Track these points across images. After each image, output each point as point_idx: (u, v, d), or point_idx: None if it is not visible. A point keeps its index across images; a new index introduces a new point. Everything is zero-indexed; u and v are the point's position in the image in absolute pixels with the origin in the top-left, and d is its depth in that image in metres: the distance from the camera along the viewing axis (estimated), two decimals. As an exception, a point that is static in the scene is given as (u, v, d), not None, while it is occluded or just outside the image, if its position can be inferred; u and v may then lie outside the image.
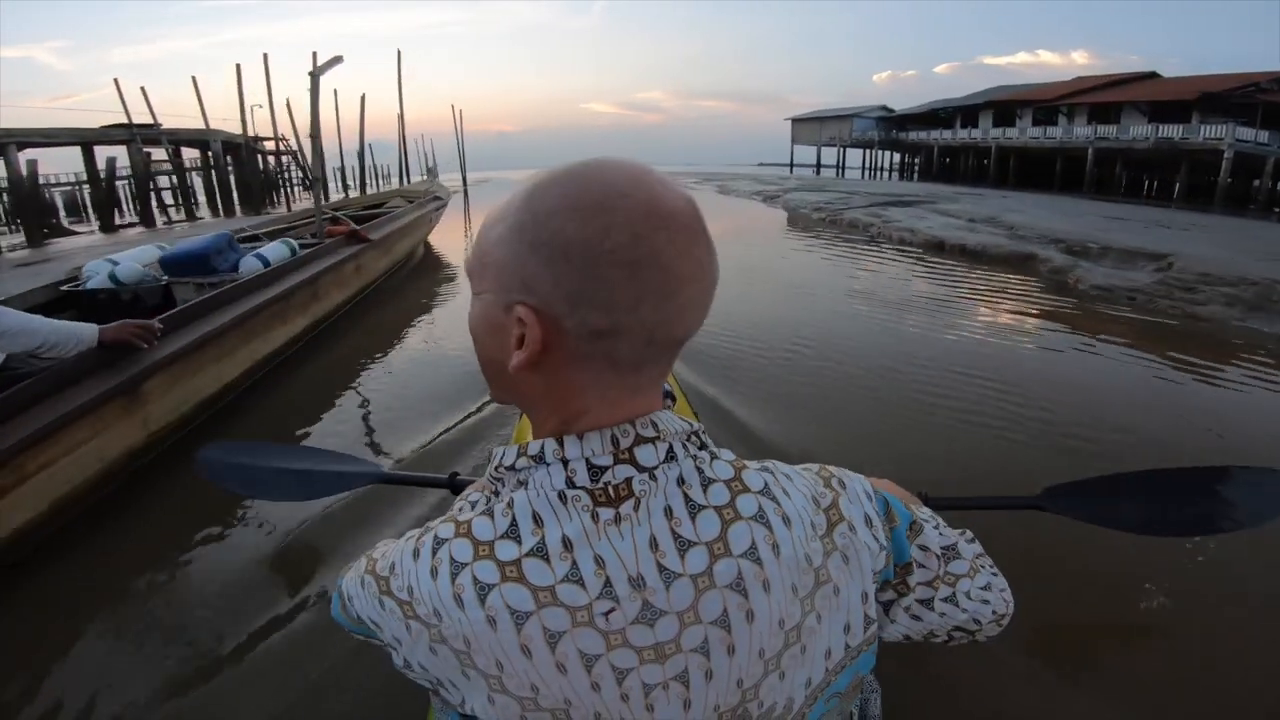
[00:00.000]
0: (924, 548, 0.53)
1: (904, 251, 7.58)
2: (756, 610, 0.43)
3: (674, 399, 0.75)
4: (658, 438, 0.45)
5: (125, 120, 17.04)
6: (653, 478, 0.44)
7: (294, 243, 4.32)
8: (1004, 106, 35.03)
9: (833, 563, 0.46)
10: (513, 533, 0.43)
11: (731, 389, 3.22)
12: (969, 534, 0.58)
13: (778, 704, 0.46)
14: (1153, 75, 31.81)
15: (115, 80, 16.67)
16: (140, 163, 16.48)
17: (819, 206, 11.98)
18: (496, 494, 0.48)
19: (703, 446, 0.47)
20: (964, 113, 37.95)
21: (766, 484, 0.47)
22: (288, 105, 23.01)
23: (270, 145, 24.04)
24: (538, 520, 0.43)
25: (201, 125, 19.39)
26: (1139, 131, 25.49)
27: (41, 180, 15.86)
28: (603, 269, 0.41)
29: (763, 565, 0.44)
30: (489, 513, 0.45)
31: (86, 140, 16.25)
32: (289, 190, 25.44)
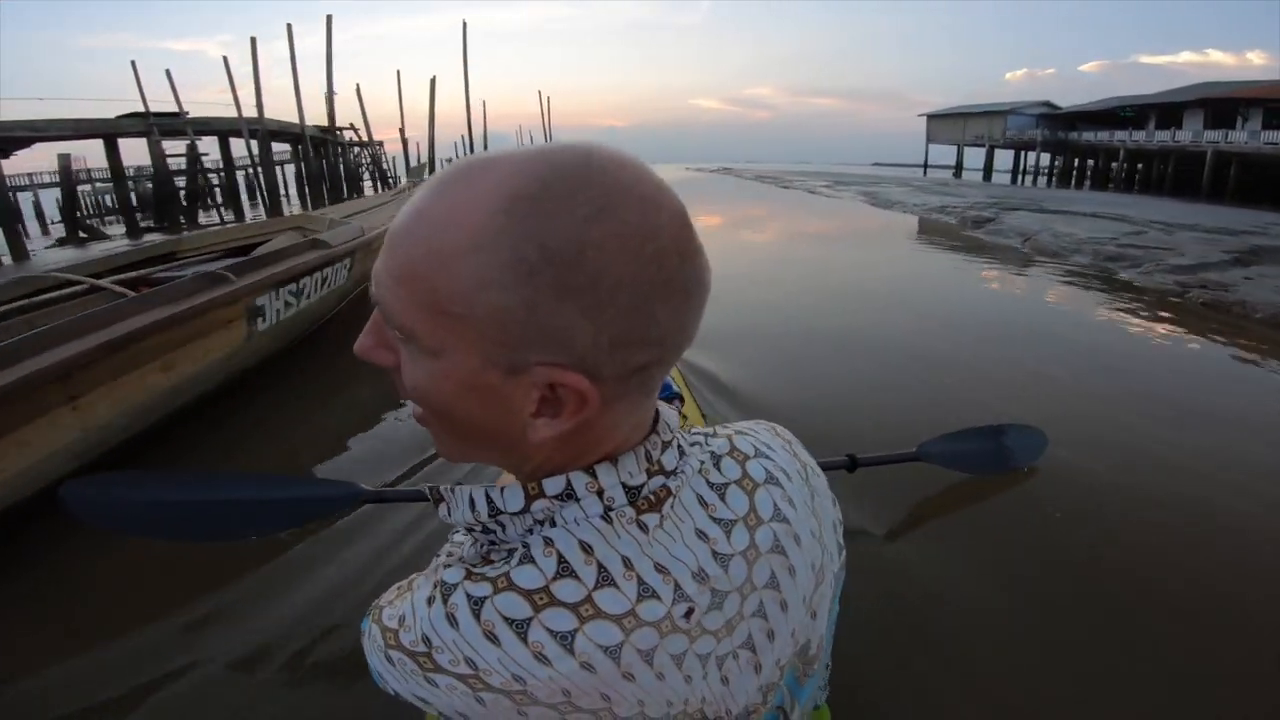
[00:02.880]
0: None
1: None
2: (795, 564, 0.44)
3: (682, 399, 0.74)
4: (673, 439, 0.43)
5: (143, 109, 13.80)
6: (677, 475, 0.42)
7: None
8: (1222, 105, 26.91)
9: (816, 501, 0.48)
10: (565, 570, 0.38)
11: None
12: None
13: (812, 643, 0.48)
14: None
15: (132, 63, 13.60)
16: (159, 156, 13.27)
17: (1178, 269, 6.26)
18: (489, 531, 0.41)
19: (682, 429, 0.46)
20: (1160, 111, 29.89)
21: (755, 447, 0.47)
22: (357, 91, 19.79)
23: (348, 136, 20.81)
24: (587, 549, 0.39)
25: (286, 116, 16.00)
26: None
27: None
28: (655, 304, 0.34)
29: (790, 523, 0.44)
30: (528, 560, 0.38)
31: (85, 133, 13.03)
32: (364, 183, 22.18)
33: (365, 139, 20.44)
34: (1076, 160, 33.97)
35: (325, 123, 17.32)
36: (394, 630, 0.39)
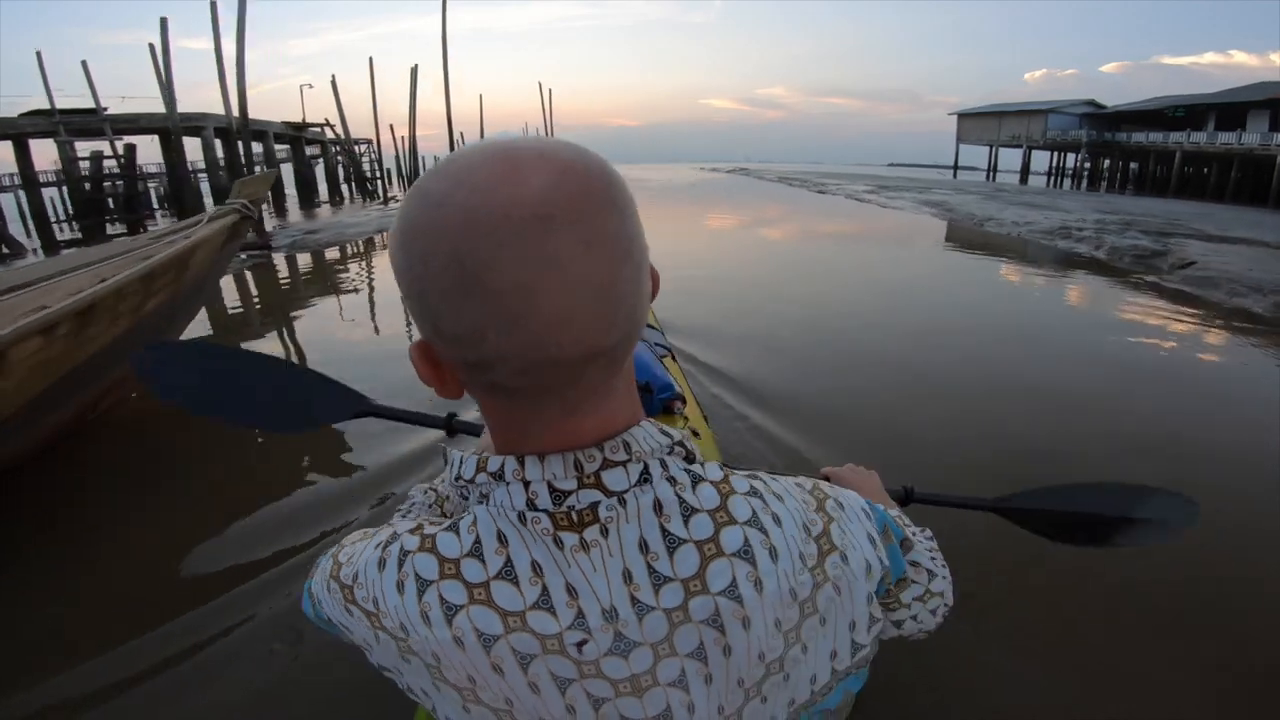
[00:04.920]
0: (915, 563, 0.50)
1: None
2: (734, 645, 0.39)
3: (684, 400, 0.73)
4: (629, 460, 0.39)
5: (54, 105, 11.14)
6: (622, 503, 0.38)
7: None
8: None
9: (822, 595, 0.41)
10: (477, 551, 0.39)
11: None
12: (929, 533, 0.56)
13: None
14: None
15: (38, 54, 10.97)
16: (70, 159, 10.72)
17: None
18: (464, 498, 0.43)
19: (689, 459, 0.41)
20: (1219, 112, 27.11)
21: (755, 512, 0.40)
22: (333, 84, 17.11)
23: (330, 135, 18.17)
24: (502, 540, 0.39)
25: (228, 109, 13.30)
26: None
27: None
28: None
29: (742, 603, 0.39)
30: (454, 529, 0.40)
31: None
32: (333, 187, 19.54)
33: (339, 136, 17.77)
34: (1122, 163, 31.24)
35: (258, 117, 14.69)
36: (341, 564, 0.43)
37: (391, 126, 21.46)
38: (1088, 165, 32.20)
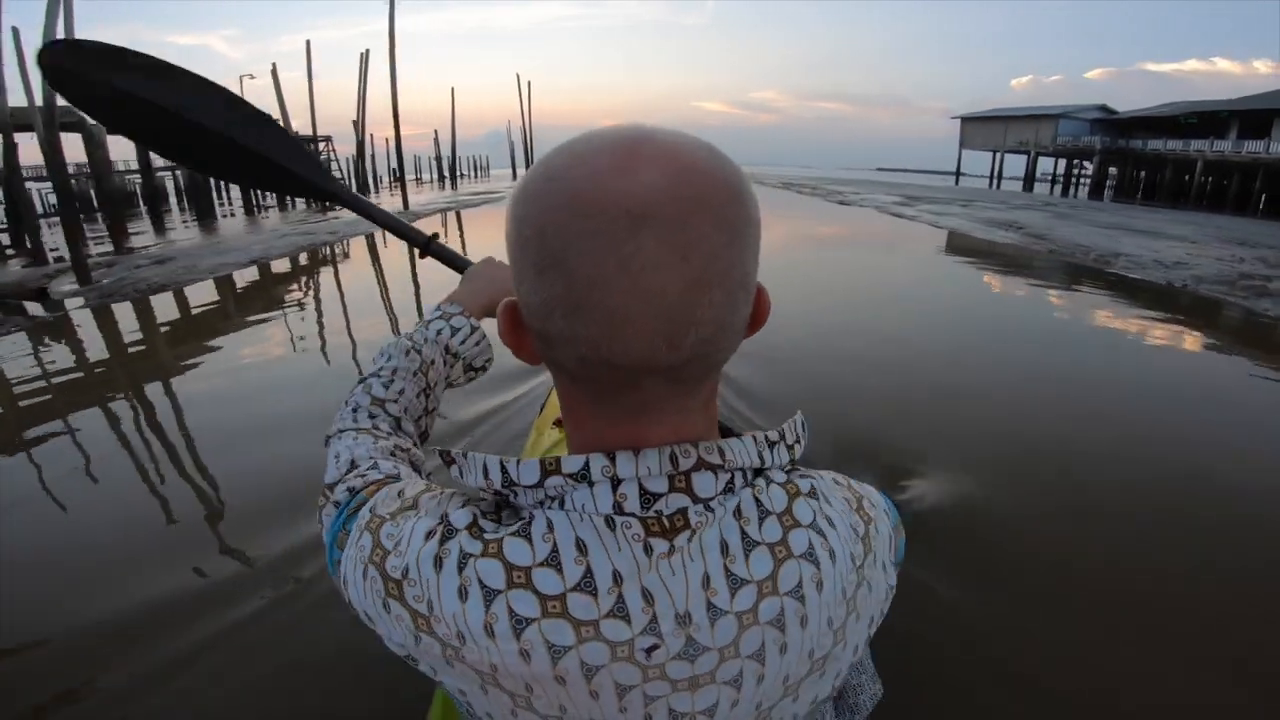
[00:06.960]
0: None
1: None
2: (790, 644, 0.40)
3: None
4: (721, 467, 0.38)
5: None
6: (709, 509, 0.38)
7: None
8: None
9: (861, 593, 0.42)
10: (553, 561, 0.37)
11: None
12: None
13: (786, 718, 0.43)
14: None
15: None
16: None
17: None
18: (499, 506, 0.40)
19: (760, 473, 0.41)
20: (1242, 119, 25.50)
21: (814, 515, 0.41)
22: (274, 72, 14.50)
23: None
24: (581, 548, 0.37)
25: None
26: None
27: None
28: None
29: (804, 603, 0.40)
30: (524, 535, 0.37)
31: None
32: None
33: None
34: (1133, 171, 29.58)
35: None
36: (386, 551, 0.39)
37: (356, 124, 18.88)
38: (1096, 172, 30.54)
